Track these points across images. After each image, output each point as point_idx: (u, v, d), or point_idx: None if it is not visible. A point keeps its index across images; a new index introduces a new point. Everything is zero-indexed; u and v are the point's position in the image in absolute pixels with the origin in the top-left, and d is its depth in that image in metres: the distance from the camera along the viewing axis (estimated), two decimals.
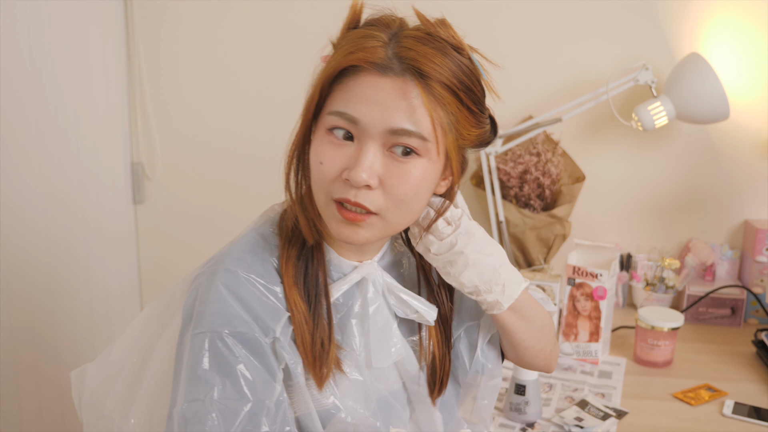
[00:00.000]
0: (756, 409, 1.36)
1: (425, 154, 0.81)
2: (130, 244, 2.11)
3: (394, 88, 0.79)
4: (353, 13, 0.85)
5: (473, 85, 0.83)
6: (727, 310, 1.79)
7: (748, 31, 1.79)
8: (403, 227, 0.87)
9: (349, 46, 0.81)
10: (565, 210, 1.80)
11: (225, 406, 0.79)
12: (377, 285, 0.93)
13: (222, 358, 0.80)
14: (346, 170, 0.80)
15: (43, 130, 1.71)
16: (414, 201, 0.83)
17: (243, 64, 2.00)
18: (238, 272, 0.84)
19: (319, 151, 0.82)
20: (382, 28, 0.82)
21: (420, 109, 0.79)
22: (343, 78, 0.81)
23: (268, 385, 0.82)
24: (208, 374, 0.80)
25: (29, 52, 1.64)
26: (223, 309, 0.82)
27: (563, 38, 1.87)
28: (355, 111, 0.79)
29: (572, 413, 1.33)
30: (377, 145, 0.80)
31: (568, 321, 1.57)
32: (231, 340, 0.81)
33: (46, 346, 1.76)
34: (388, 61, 0.79)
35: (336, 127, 0.81)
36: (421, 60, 0.79)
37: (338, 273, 0.91)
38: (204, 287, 0.84)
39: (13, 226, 1.63)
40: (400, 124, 0.79)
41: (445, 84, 0.80)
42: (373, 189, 0.81)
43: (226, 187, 2.09)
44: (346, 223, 0.82)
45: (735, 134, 1.85)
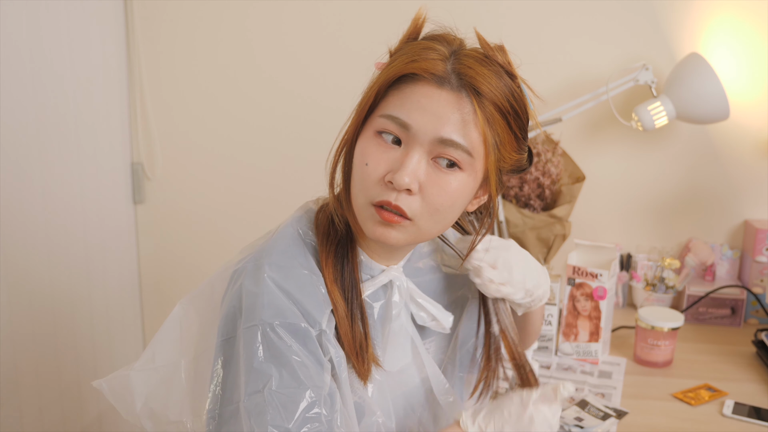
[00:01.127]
0: (756, 409, 1.36)
1: (467, 168, 0.84)
2: (130, 244, 2.11)
3: (450, 101, 0.82)
4: (415, 26, 0.88)
5: (521, 111, 0.87)
6: (727, 310, 1.79)
7: (748, 32, 1.79)
8: (432, 236, 0.90)
9: (411, 54, 0.84)
10: (565, 210, 1.80)
11: (285, 396, 0.80)
12: (402, 290, 0.95)
13: (276, 349, 0.82)
14: (389, 173, 0.83)
15: (43, 130, 1.71)
16: (448, 212, 0.86)
17: (243, 64, 2.00)
18: (284, 265, 0.86)
19: (366, 153, 0.85)
20: (443, 43, 0.85)
21: (471, 125, 0.82)
22: (401, 84, 0.84)
23: (320, 374, 0.84)
24: (264, 366, 0.81)
25: (29, 52, 1.64)
26: (272, 301, 0.83)
27: (563, 38, 1.87)
28: (408, 117, 0.82)
29: (572, 413, 1.33)
30: (423, 153, 0.83)
31: (568, 321, 1.57)
32: (282, 331, 0.82)
33: (46, 346, 1.76)
34: (446, 75, 0.82)
35: (386, 130, 0.84)
36: (479, 79, 0.82)
37: (367, 274, 0.94)
38: (250, 282, 0.85)
39: (13, 226, 1.63)
40: (449, 135, 0.82)
41: (497, 105, 0.84)
42: (413, 194, 0.83)
43: (226, 187, 2.09)
44: (382, 224, 0.85)
45: (735, 134, 1.85)
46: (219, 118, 2.04)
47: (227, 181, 2.08)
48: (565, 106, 1.75)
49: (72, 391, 1.84)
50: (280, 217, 0.99)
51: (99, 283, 1.95)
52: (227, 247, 2.12)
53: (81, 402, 1.87)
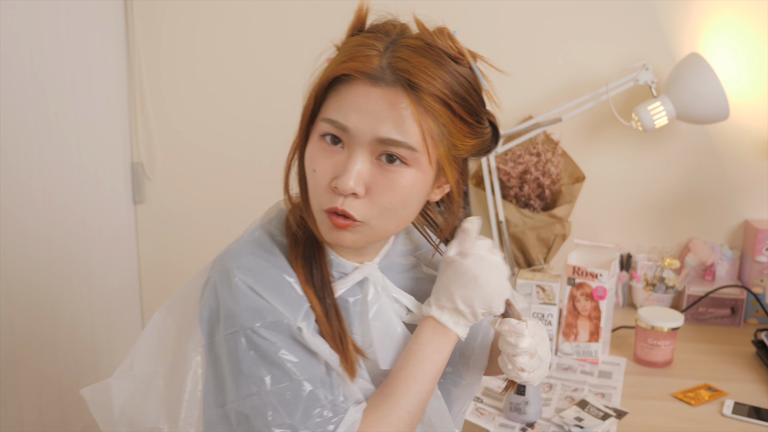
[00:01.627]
0: (756, 409, 1.36)
1: (414, 163, 0.82)
2: (130, 244, 2.11)
3: (384, 99, 0.80)
4: (358, 18, 0.86)
5: (469, 95, 0.84)
6: (727, 310, 1.79)
7: (748, 32, 1.79)
8: (392, 233, 0.89)
9: (345, 53, 0.82)
10: (565, 210, 1.80)
11: (281, 394, 0.80)
12: (377, 286, 0.94)
13: (262, 351, 0.82)
14: (335, 179, 0.82)
15: (43, 130, 1.71)
16: (401, 209, 0.85)
17: (242, 64, 2.00)
18: (253, 267, 0.85)
19: (313, 159, 0.84)
20: (380, 36, 0.83)
21: (409, 120, 0.80)
22: (338, 85, 0.82)
23: (312, 363, 0.84)
24: (253, 368, 0.81)
25: (29, 52, 1.64)
26: (249, 304, 0.83)
27: (563, 38, 1.87)
28: (345, 119, 0.81)
29: (572, 413, 1.33)
30: (366, 153, 0.81)
31: (568, 321, 1.57)
32: (265, 331, 0.82)
33: (46, 346, 1.76)
34: (380, 72, 0.80)
35: (327, 133, 0.82)
36: (414, 71, 0.79)
37: (339, 272, 0.93)
38: (223, 288, 0.85)
39: (13, 226, 1.63)
40: (387, 134, 0.80)
41: (437, 96, 0.81)
42: (359, 197, 0.82)
43: (225, 187, 2.09)
44: (334, 229, 0.84)
45: (735, 134, 1.85)
46: (219, 118, 2.04)
47: (227, 181, 2.08)
48: (565, 106, 1.75)
49: (72, 392, 1.84)
50: None
51: (99, 283, 1.95)
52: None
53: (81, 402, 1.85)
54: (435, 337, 0.90)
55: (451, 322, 0.90)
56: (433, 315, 0.90)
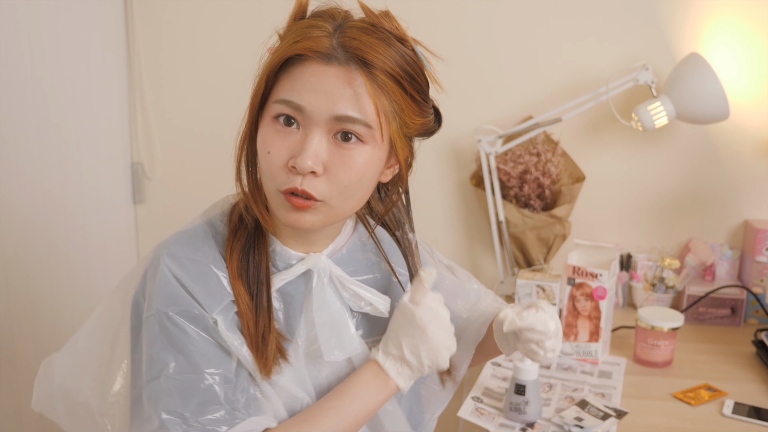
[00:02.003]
0: (756, 409, 1.36)
1: (369, 141, 0.83)
2: (130, 244, 2.11)
3: (339, 77, 0.81)
4: (299, 5, 0.88)
5: (416, 75, 0.86)
6: (727, 310, 1.79)
7: (748, 32, 1.79)
8: (347, 213, 0.89)
9: (294, 35, 0.83)
10: (565, 210, 1.80)
11: (180, 381, 0.82)
12: (323, 277, 0.93)
13: (172, 337, 0.83)
14: (292, 158, 0.82)
15: (43, 130, 1.71)
16: (358, 187, 0.86)
17: (243, 64, 1.99)
18: (181, 256, 0.87)
19: (266, 141, 0.84)
20: (327, 19, 0.84)
21: (364, 97, 0.81)
22: (289, 67, 0.83)
23: (221, 356, 0.85)
24: (161, 353, 0.83)
25: (29, 52, 1.64)
26: (168, 291, 0.85)
27: (563, 38, 1.87)
28: (300, 99, 0.81)
29: (572, 413, 1.33)
30: (322, 132, 0.82)
31: (568, 321, 1.57)
32: (178, 319, 0.84)
33: (47, 346, 1.76)
34: (332, 51, 0.81)
35: (281, 114, 0.83)
36: (365, 49, 0.81)
37: (284, 263, 0.92)
38: (150, 272, 0.87)
39: (13, 225, 1.63)
40: (344, 111, 0.81)
41: (389, 73, 0.82)
42: (318, 176, 0.83)
43: (225, 187, 2.07)
44: (294, 210, 0.84)
45: (735, 134, 1.85)
46: (219, 118, 2.04)
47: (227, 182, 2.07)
48: (565, 106, 1.76)
49: None
50: None
51: (99, 283, 1.95)
52: None
53: None
54: (374, 382, 0.90)
55: (394, 371, 0.90)
56: (378, 360, 0.90)
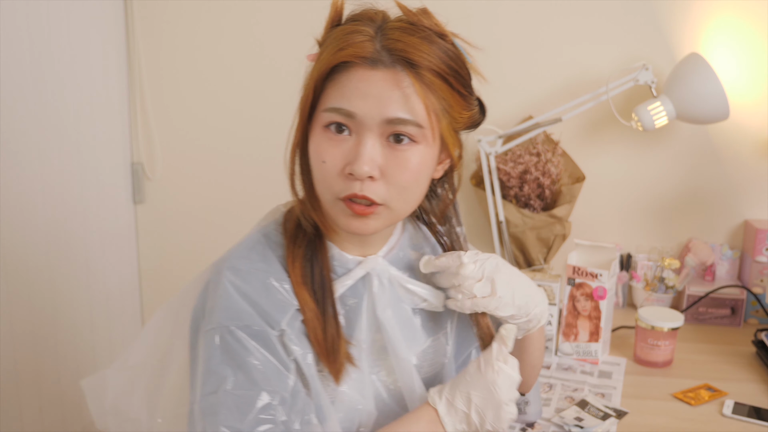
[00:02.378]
0: (756, 409, 1.36)
1: (422, 140, 0.84)
2: (130, 244, 2.11)
3: (386, 80, 0.81)
4: (335, 10, 0.87)
5: (460, 69, 0.86)
6: (727, 310, 1.79)
7: (748, 32, 1.79)
8: (406, 214, 0.90)
9: (337, 43, 0.83)
10: (565, 210, 1.80)
11: (238, 397, 0.81)
12: (383, 279, 0.94)
13: (233, 352, 0.82)
14: (348, 165, 0.82)
15: (44, 130, 1.71)
16: (415, 187, 0.86)
17: (243, 63, 2.00)
18: (242, 269, 0.86)
19: (320, 150, 0.84)
20: (366, 22, 0.84)
21: (413, 98, 0.81)
22: (335, 75, 0.83)
23: (280, 376, 0.84)
24: (220, 367, 0.82)
25: (29, 52, 1.64)
26: (230, 305, 0.84)
27: (563, 38, 1.87)
28: (350, 105, 0.81)
29: (572, 413, 1.33)
30: (375, 137, 0.82)
31: (568, 321, 1.57)
32: (240, 333, 0.83)
33: (46, 346, 1.76)
34: (377, 54, 0.81)
35: (332, 122, 0.83)
36: (409, 50, 0.81)
37: (342, 268, 0.93)
38: (212, 287, 0.86)
39: (13, 226, 1.63)
40: (395, 114, 0.81)
41: (435, 70, 0.82)
42: (376, 180, 0.83)
43: (226, 187, 2.09)
44: (356, 217, 0.85)
45: (735, 134, 1.85)
46: (219, 118, 2.04)
47: (227, 181, 2.08)
48: (565, 106, 1.75)
49: (72, 391, 1.84)
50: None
51: (99, 283, 1.95)
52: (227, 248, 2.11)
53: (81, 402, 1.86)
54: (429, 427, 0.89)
55: (452, 427, 0.88)
56: (438, 410, 0.89)
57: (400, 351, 0.93)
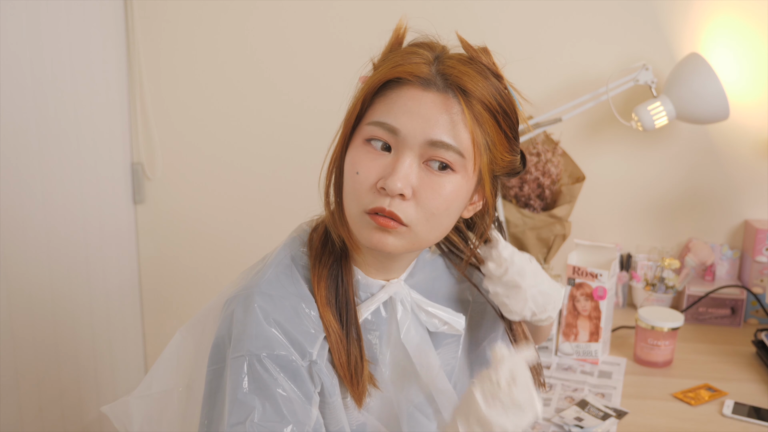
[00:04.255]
0: (756, 409, 1.36)
1: (460, 170, 0.83)
2: (130, 244, 2.11)
3: (436, 103, 0.81)
4: (396, 37, 0.88)
5: (509, 111, 0.86)
6: (727, 310, 1.79)
7: (748, 32, 1.79)
8: (429, 243, 0.88)
9: (395, 60, 0.83)
10: (565, 210, 1.80)
11: (266, 429, 0.79)
12: (406, 303, 0.94)
13: (261, 381, 0.81)
14: (381, 179, 0.81)
15: (43, 130, 1.71)
16: (444, 216, 0.85)
17: (243, 64, 2.00)
18: (274, 295, 0.85)
19: (356, 161, 0.83)
20: (426, 48, 0.85)
21: (460, 125, 0.81)
22: (386, 91, 0.83)
23: (305, 409, 0.83)
24: (248, 397, 0.80)
25: (29, 52, 1.64)
26: (261, 332, 0.82)
27: (563, 38, 1.87)
28: (396, 121, 0.81)
29: (572, 413, 1.33)
30: (414, 157, 0.82)
31: (568, 321, 1.57)
32: (269, 363, 0.81)
33: (46, 346, 1.76)
34: (432, 77, 0.81)
35: (375, 137, 0.82)
36: (464, 78, 0.81)
37: (365, 293, 0.92)
38: (240, 311, 0.84)
39: (13, 226, 1.63)
40: (439, 137, 0.80)
41: (485, 104, 0.82)
42: (406, 199, 0.82)
43: (226, 187, 2.09)
44: (378, 229, 0.83)
45: (735, 134, 1.85)
46: (219, 118, 2.04)
47: (227, 181, 2.08)
48: (565, 106, 1.75)
49: (72, 391, 1.84)
50: (279, 218, 0.99)
51: (99, 283, 1.95)
52: (227, 248, 2.12)
53: (81, 402, 1.87)
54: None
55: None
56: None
57: (422, 370, 0.93)
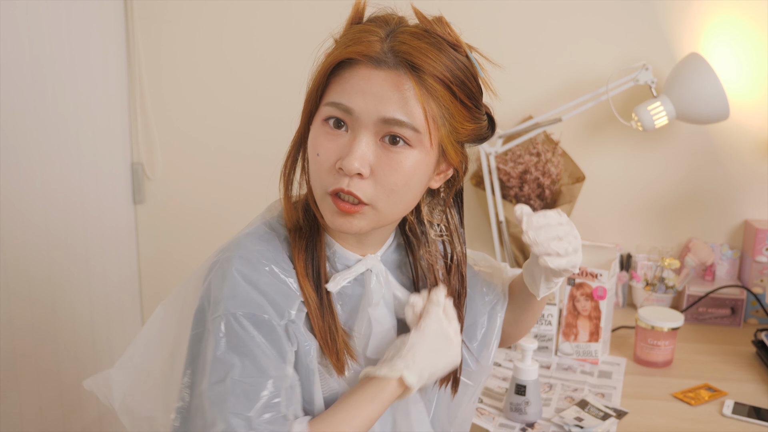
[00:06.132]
0: (756, 409, 1.36)
1: (417, 145, 0.84)
2: (130, 244, 2.11)
3: (388, 80, 0.82)
4: (356, 11, 0.88)
5: (468, 80, 0.86)
6: (727, 310, 1.79)
7: (748, 32, 1.79)
8: (395, 218, 0.90)
9: (347, 40, 0.84)
10: (565, 210, 1.80)
11: (246, 384, 0.81)
12: (380, 278, 0.95)
13: (239, 339, 0.83)
14: (339, 159, 0.83)
15: (43, 130, 1.71)
16: (405, 191, 0.86)
17: (243, 63, 2.00)
18: (251, 258, 0.87)
19: (316, 143, 0.85)
20: (381, 24, 0.85)
21: (412, 101, 0.82)
22: (340, 71, 0.84)
23: (282, 368, 0.84)
24: (227, 355, 0.82)
25: (29, 52, 1.64)
26: (238, 293, 0.84)
27: (563, 38, 1.87)
28: (349, 101, 0.82)
29: (572, 413, 1.33)
30: (370, 135, 0.83)
31: (568, 321, 1.57)
32: (245, 321, 0.83)
33: (47, 344, 1.76)
34: (383, 55, 0.82)
35: (331, 116, 0.84)
36: (415, 54, 0.81)
37: (342, 264, 0.94)
38: (218, 274, 0.86)
39: (13, 226, 1.63)
40: (392, 114, 0.82)
41: (438, 77, 0.83)
42: (365, 178, 0.83)
43: (226, 187, 2.09)
44: (341, 214, 0.85)
45: (735, 134, 1.85)
46: (219, 118, 2.04)
47: (227, 181, 2.08)
48: (565, 106, 1.75)
49: (72, 391, 1.84)
50: None
51: (99, 282, 1.95)
52: None
53: (81, 402, 1.87)
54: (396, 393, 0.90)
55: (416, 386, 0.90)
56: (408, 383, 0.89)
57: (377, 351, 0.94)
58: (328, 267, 0.92)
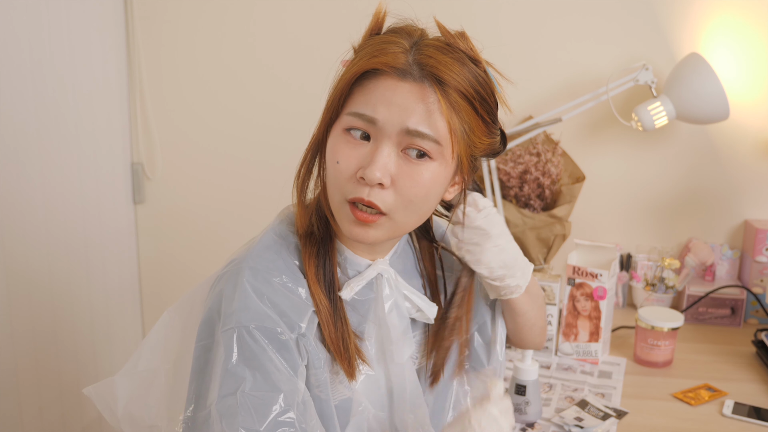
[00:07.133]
0: (756, 409, 1.36)
1: (438, 158, 0.84)
2: (130, 244, 2.11)
3: (413, 92, 0.82)
4: (376, 21, 0.89)
5: (487, 96, 0.87)
6: (727, 310, 1.79)
7: (747, 32, 1.79)
8: (410, 228, 0.90)
9: (371, 50, 0.84)
10: (565, 210, 1.80)
11: (257, 399, 0.81)
12: (391, 282, 0.95)
13: (251, 352, 0.82)
14: (361, 169, 0.83)
15: (43, 130, 1.71)
16: (423, 203, 0.87)
17: (243, 64, 2.00)
18: (262, 269, 0.87)
19: (336, 150, 0.85)
20: (404, 36, 0.85)
21: (436, 114, 0.82)
22: (364, 81, 0.84)
23: (293, 382, 0.84)
24: (238, 368, 0.82)
25: (29, 52, 1.64)
26: (250, 305, 0.84)
27: (563, 38, 1.87)
28: (374, 111, 0.82)
29: (572, 413, 1.33)
30: (392, 145, 0.83)
31: (568, 321, 1.57)
32: (258, 334, 0.83)
33: (47, 345, 1.76)
34: (408, 67, 0.82)
35: (353, 127, 0.84)
36: (440, 68, 0.82)
37: (353, 270, 0.94)
38: (229, 286, 0.86)
39: (13, 226, 1.63)
40: (416, 126, 0.82)
41: (461, 92, 0.83)
42: (385, 188, 0.84)
43: (226, 187, 2.09)
44: (358, 224, 0.85)
45: (735, 134, 1.85)
46: (219, 118, 2.04)
47: (227, 181, 2.08)
48: (565, 106, 1.75)
49: (72, 391, 1.84)
50: None
51: (99, 283, 1.95)
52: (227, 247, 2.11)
53: (81, 402, 1.87)
54: None
55: None
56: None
57: (397, 353, 0.94)
58: (339, 273, 0.93)
